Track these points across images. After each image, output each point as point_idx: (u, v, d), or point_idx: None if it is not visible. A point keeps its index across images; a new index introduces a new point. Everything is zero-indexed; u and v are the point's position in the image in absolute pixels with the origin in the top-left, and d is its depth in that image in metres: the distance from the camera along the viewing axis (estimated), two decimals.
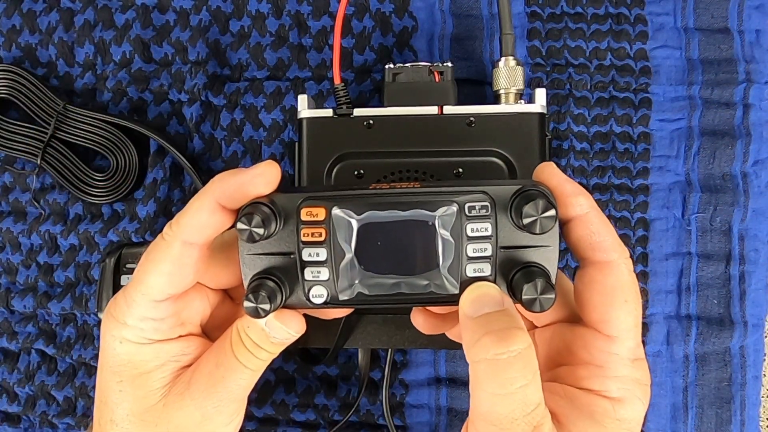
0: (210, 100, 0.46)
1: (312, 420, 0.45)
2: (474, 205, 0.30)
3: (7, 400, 0.47)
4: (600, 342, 0.30)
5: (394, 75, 0.40)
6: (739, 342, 0.44)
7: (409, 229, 0.30)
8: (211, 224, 0.30)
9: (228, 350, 0.32)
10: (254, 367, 0.32)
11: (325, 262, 0.30)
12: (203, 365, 0.32)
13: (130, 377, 0.32)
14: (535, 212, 0.28)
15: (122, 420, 0.32)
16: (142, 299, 0.31)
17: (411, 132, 0.40)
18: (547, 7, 0.45)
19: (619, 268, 0.30)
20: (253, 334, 0.31)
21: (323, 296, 0.31)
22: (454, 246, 0.30)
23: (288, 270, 0.31)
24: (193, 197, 0.31)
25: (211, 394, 0.31)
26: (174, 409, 0.32)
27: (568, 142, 0.45)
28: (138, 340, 0.32)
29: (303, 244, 0.30)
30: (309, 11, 0.46)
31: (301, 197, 0.30)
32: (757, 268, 0.44)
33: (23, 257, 0.47)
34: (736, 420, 0.44)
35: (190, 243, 0.31)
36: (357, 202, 0.30)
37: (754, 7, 0.44)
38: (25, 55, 0.47)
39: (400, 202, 0.30)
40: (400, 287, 0.30)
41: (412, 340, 0.39)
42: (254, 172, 0.30)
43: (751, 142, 0.44)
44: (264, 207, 0.30)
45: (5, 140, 0.46)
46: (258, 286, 0.30)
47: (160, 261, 0.31)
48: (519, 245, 0.30)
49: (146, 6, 0.46)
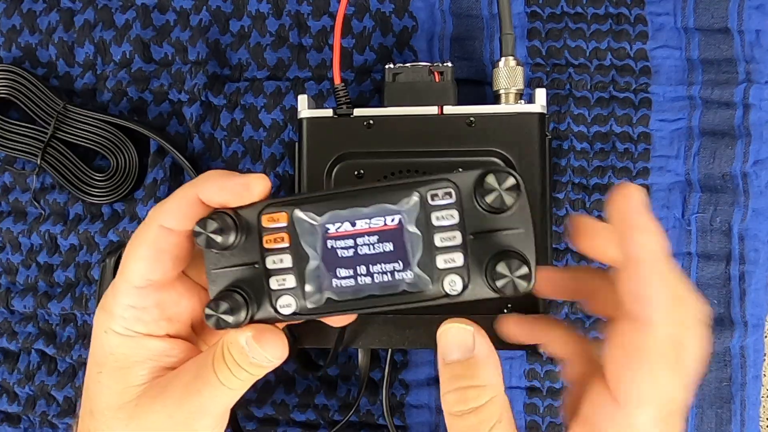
0: (210, 100, 0.46)
1: (312, 420, 0.45)
2: (437, 192, 0.29)
3: (7, 400, 0.47)
4: (607, 406, 0.27)
5: (394, 75, 0.40)
6: (739, 342, 0.44)
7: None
8: (187, 214, 0.30)
9: (209, 365, 0.31)
10: (232, 387, 0.31)
11: (290, 268, 0.29)
12: (183, 373, 0.32)
13: (110, 370, 0.32)
14: (495, 185, 0.27)
15: (99, 412, 0.32)
16: (124, 286, 0.32)
17: (411, 132, 0.39)
18: (547, 7, 0.45)
19: (656, 330, 0.26)
20: (235, 353, 0.30)
21: (291, 306, 0.30)
22: (421, 238, 0.29)
23: (254, 282, 0.30)
24: (180, 186, 0.31)
25: (184, 404, 0.31)
26: (145, 411, 0.31)
27: (568, 142, 0.45)
28: (122, 332, 0.32)
29: (266, 252, 0.29)
30: (309, 11, 0.46)
31: (262, 205, 0.30)
32: (757, 268, 0.44)
33: (23, 257, 0.47)
34: (736, 420, 0.44)
35: (167, 228, 0.31)
36: (318, 204, 0.29)
37: (754, 7, 0.44)
38: (25, 55, 0.47)
39: (361, 198, 0.29)
40: (373, 291, 0.29)
41: (412, 340, 0.39)
42: (241, 181, 0.30)
43: (751, 142, 0.44)
44: (225, 216, 0.29)
45: (5, 140, 0.46)
46: (221, 297, 0.29)
47: (138, 245, 0.31)
48: (490, 229, 0.29)
49: (146, 6, 0.46)
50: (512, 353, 0.44)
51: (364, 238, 0.29)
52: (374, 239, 0.29)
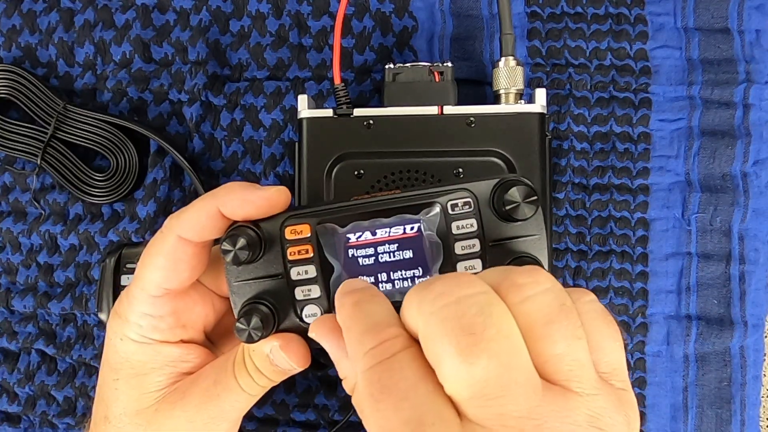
0: (210, 100, 0.46)
1: (312, 420, 0.45)
2: (456, 202, 0.30)
3: (7, 400, 0.47)
4: None
5: (394, 75, 0.40)
6: (739, 342, 0.44)
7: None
8: (207, 226, 0.30)
9: (229, 370, 0.31)
10: (252, 392, 0.31)
11: (314, 279, 0.30)
12: (202, 379, 0.32)
13: (126, 376, 0.32)
14: (517, 198, 0.28)
15: (115, 418, 0.32)
16: (140, 294, 0.32)
17: (411, 132, 0.40)
18: (547, 7, 0.45)
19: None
20: (257, 360, 0.31)
21: (317, 315, 0.30)
22: (441, 246, 0.30)
23: (279, 293, 0.30)
24: (199, 197, 0.31)
25: (204, 409, 0.31)
26: (165, 417, 0.31)
27: (568, 142, 0.45)
28: (138, 339, 0.32)
29: (291, 263, 0.30)
30: (309, 11, 0.46)
31: (283, 217, 0.30)
32: (757, 268, 0.44)
33: (23, 257, 0.47)
34: (736, 420, 0.44)
35: (185, 239, 0.31)
36: (340, 215, 0.30)
37: (754, 7, 0.44)
38: (25, 55, 0.47)
39: (383, 209, 0.30)
40: (393, 296, 0.29)
41: None
42: (264, 194, 0.30)
43: (751, 142, 0.44)
44: (248, 230, 0.29)
45: (5, 140, 0.46)
46: (250, 310, 0.29)
47: (155, 255, 0.31)
48: (507, 237, 0.29)
49: (146, 6, 0.46)
50: None
51: (385, 246, 0.30)
52: (394, 247, 0.30)
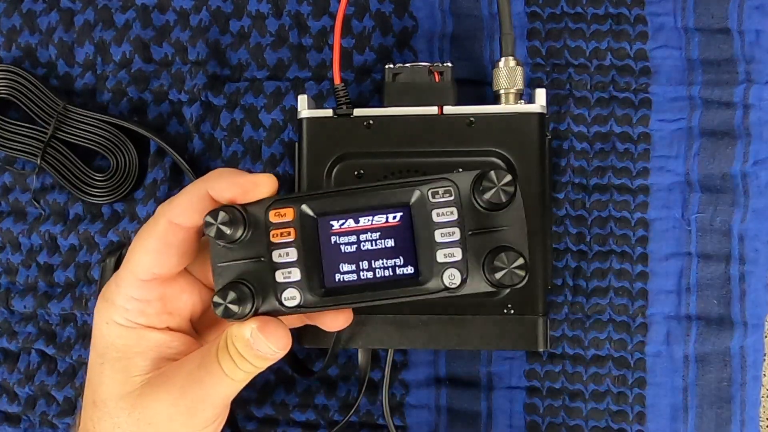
0: (210, 100, 0.46)
1: (312, 420, 0.45)
2: (437, 190, 0.30)
3: (7, 400, 0.47)
4: None
5: (394, 75, 0.40)
6: (739, 342, 0.44)
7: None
8: (197, 210, 0.31)
9: (213, 354, 0.31)
10: (236, 378, 0.31)
11: (295, 262, 0.30)
12: (186, 363, 0.32)
13: (111, 360, 0.32)
14: (495, 181, 0.29)
15: (101, 402, 0.32)
16: (128, 277, 0.32)
17: (411, 132, 0.40)
18: (547, 7, 0.45)
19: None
20: (239, 344, 0.31)
21: (295, 298, 0.30)
22: (422, 234, 0.30)
23: (260, 275, 0.31)
24: (188, 185, 0.32)
25: (187, 393, 0.31)
26: (149, 400, 0.32)
27: (568, 142, 0.45)
28: (123, 323, 0.32)
29: (273, 246, 0.30)
30: (309, 11, 0.46)
31: (269, 201, 0.31)
32: (757, 268, 0.44)
33: (23, 257, 0.47)
34: (736, 420, 0.44)
35: (176, 223, 0.31)
36: (323, 200, 0.31)
37: (754, 7, 0.44)
38: (25, 55, 0.47)
39: (365, 196, 0.30)
40: (374, 287, 0.30)
41: (412, 340, 0.39)
42: (251, 178, 0.31)
43: (751, 143, 0.44)
44: (234, 209, 0.30)
45: (5, 140, 0.46)
46: (227, 286, 0.30)
47: (146, 238, 0.32)
48: (487, 227, 0.30)
49: (146, 6, 0.46)
50: (512, 353, 0.44)
51: (367, 235, 0.30)
52: (376, 236, 0.30)
